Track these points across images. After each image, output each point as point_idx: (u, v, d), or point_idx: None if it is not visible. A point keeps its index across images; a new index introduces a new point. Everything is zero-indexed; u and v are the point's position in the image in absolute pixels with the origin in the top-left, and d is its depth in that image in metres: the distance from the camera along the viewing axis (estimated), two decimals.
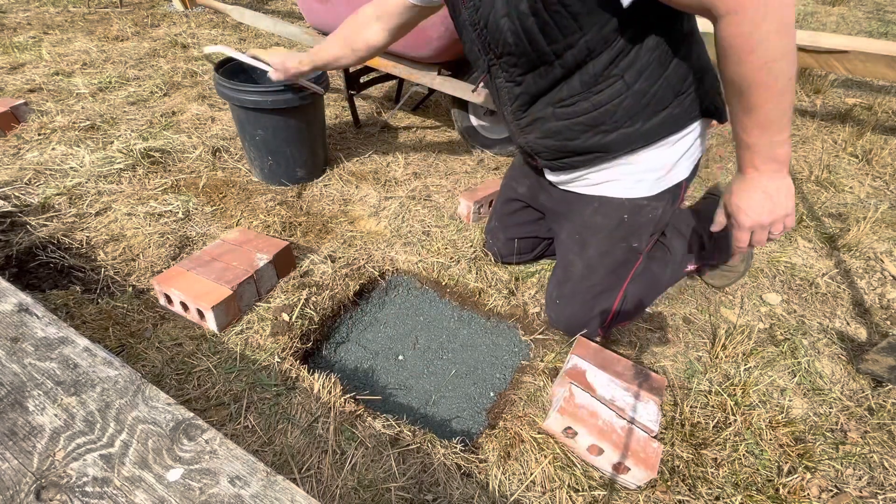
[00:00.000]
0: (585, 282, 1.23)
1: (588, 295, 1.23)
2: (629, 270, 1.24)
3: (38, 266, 1.46)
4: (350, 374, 1.30)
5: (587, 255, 1.23)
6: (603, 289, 1.23)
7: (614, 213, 1.18)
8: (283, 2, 4.50)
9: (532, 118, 1.12)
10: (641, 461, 0.96)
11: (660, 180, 1.13)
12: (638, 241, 1.20)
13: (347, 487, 0.97)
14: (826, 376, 1.28)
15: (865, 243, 1.72)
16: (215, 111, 2.42)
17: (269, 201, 1.79)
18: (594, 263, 1.22)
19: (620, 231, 1.19)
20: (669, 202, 1.18)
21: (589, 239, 1.22)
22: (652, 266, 1.32)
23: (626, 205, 1.17)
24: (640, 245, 1.21)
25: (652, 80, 0.99)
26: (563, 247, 1.29)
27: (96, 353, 0.78)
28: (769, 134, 0.86)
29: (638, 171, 1.12)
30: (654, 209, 1.17)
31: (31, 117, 2.18)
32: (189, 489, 0.61)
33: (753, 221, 0.94)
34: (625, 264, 1.23)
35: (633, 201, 1.16)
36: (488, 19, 0.98)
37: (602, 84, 0.99)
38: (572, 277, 1.25)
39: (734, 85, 0.84)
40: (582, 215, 1.23)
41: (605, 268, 1.22)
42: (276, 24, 2.33)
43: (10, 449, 0.64)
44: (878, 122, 2.54)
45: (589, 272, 1.23)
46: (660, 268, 1.33)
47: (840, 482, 1.05)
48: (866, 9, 4.86)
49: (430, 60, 1.98)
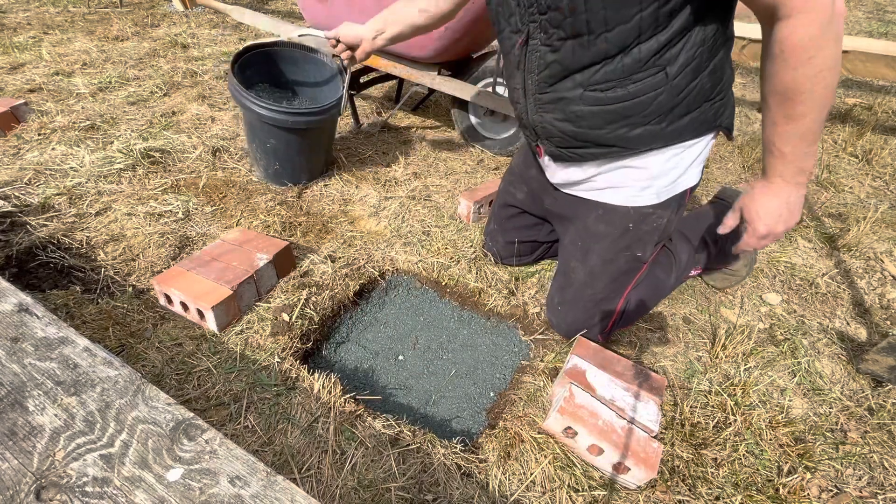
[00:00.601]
0: (587, 289, 1.21)
1: (590, 302, 1.22)
2: (632, 279, 1.22)
3: (38, 266, 1.46)
4: (350, 374, 1.30)
5: (589, 262, 1.20)
6: (605, 296, 1.21)
7: (619, 222, 1.15)
8: (283, 2, 4.50)
9: (557, 96, 1.04)
10: (641, 461, 0.96)
11: (667, 187, 1.10)
12: (642, 250, 1.17)
13: (347, 487, 0.97)
14: (826, 376, 1.28)
15: (865, 243, 1.72)
16: (215, 111, 2.42)
17: (269, 201, 1.79)
18: (596, 272, 1.20)
19: (624, 240, 1.16)
20: (675, 210, 1.15)
21: (592, 246, 1.19)
22: (657, 271, 1.31)
23: (631, 213, 1.13)
24: (643, 255, 1.18)
25: (690, 77, 0.95)
26: (566, 252, 1.27)
27: (96, 353, 0.78)
28: (805, 144, 0.85)
29: (646, 176, 1.08)
30: (659, 217, 1.14)
31: (31, 117, 2.18)
32: (189, 489, 0.61)
33: (769, 230, 0.94)
34: (628, 273, 1.20)
35: (639, 210, 1.13)
36: None
37: (643, 73, 0.94)
38: (574, 284, 1.23)
39: (782, 92, 0.82)
40: (585, 222, 1.20)
41: (608, 276, 1.19)
42: (277, 24, 2.33)
43: (10, 449, 0.64)
44: (878, 122, 2.54)
45: (591, 280, 1.21)
46: (665, 273, 1.32)
47: (840, 482, 1.05)
48: (866, 9, 4.86)
49: (430, 60, 1.98)
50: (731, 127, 1.08)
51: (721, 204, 1.47)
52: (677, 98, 0.97)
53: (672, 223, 1.18)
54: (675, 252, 1.35)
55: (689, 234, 1.39)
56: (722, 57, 0.97)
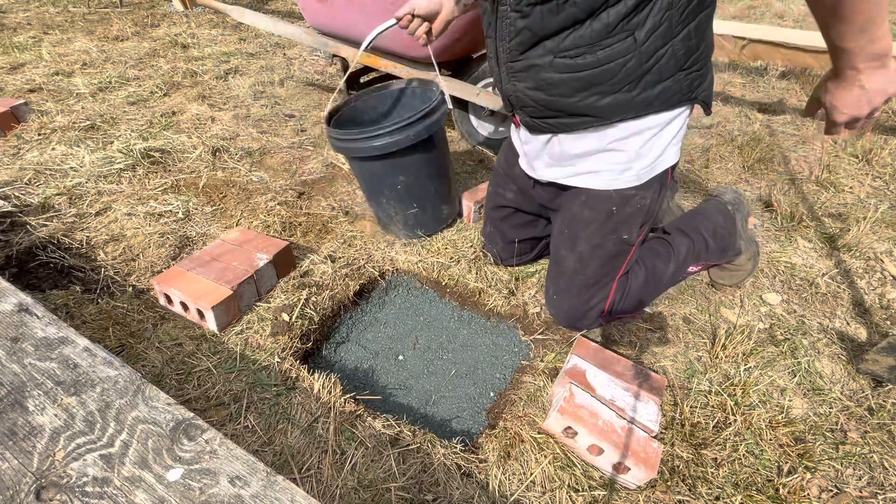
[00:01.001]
0: (579, 276, 1.23)
1: (583, 287, 1.23)
2: (622, 262, 1.23)
3: (38, 266, 1.47)
4: (350, 374, 1.30)
5: (578, 249, 1.22)
6: (596, 280, 1.22)
7: (602, 206, 1.16)
8: (283, 2, 4.50)
9: (528, 63, 1.04)
10: (641, 461, 0.96)
11: (647, 168, 1.10)
12: (628, 232, 1.18)
13: (347, 487, 0.97)
14: (826, 376, 1.28)
15: (865, 243, 1.72)
16: (215, 111, 2.43)
17: (269, 201, 1.79)
18: (585, 257, 1.21)
19: (610, 224, 1.17)
20: (657, 190, 1.16)
21: (579, 233, 1.21)
22: (656, 262, 1.32)
23: (613, 196, 1.14)
24: (630, 237, 1.19)
25: (658, 43, 0.95)
26: (555, 242, 1.28)
27: (96, 353, 0.78)
28: (869, 33, 0.81)
29: (624, 159, 1.09)
30: (642, 199, 1.15)
31: (31, 117, 2.18)
32: (189, 489, 0.61)
33: (850, 116, 0.92)
34: (617, 256, 1.21)
35: (621, 192, 1.14)
36: None
37: (612, 38, 0.94)
38: (565, 272, 1.25)
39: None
40: (570, 209, 1.22)
41: (598, 260, 1.21)
42: (276, 25, 2.33)
43: (10, 449, 0.64)
44: (878, 122, 2.54)
45: (581, 266, 1.22)
46: (663, 263, 1.33)
47: (840, 482, 1.05)
48: None
49: (431, 60, 1.98)
50: (709, 101, 1.08)
51: (716, 201, 1.48)
52: (646, 65, 0.97)
53: (656, 203, 1.18)
54: (673, 245, 1.36)
55: (686, 229, 1.40)
56: (697, 25, 0.97)
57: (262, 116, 2.43)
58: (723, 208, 1.46)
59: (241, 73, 2.92)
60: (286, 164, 2.06)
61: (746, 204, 1.52)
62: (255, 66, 3.02)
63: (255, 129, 2.29)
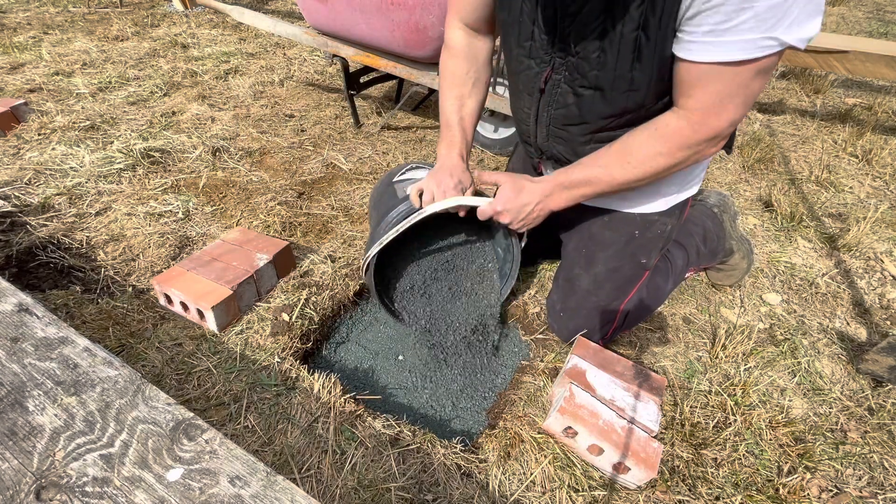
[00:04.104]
0: (591, 297, 1.21)
1: (593, 310, 1.22)
2: (634, 286, 1.22)
3: (38, 266, 1.46)
4: (350, 374, 1.30)
5: (594, 270, 1.20)
6: (607, 303, 1.21)
7: (625, 229, 1.16)
8: (283, 2, 4.50)
9: (568, 136, 1.04)
10: (641, 461, 0.96)
11: (675, 195, 1.12)
12: (647, 257, 1.18)
13: (347, 487, 0.97)
14: (826, 376, 1.28)
15: (865, 243, 1.72)
16: (215, 111, 2.43)
17: (269, 201, 1.79)
18: (601, 279, 1.20)
19: (630, 247, 1.16)
20: (678, 217, 1.17)
21: (597, 254, 1.19)
22: (656, 278, 1.31)
23: (637, 220, 1.14)
24: (648, 262, 1.19)
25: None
26: (569, 259, 1.27)
27: (96, 353, 0.78)
28: (590, 187, 0.98)
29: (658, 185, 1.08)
30: (664, 224, 1.15)
31: (31, 117, 2.18)
32: (189, 489, 0.61)
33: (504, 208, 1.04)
34: (631, 280, 1.20)
35: (646, 217, 1.14)
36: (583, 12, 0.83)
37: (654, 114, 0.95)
38: (577, 292, 1.23)
39: (622, 150, 0.93)
40: (590, 229, 1.21)
41: (612, 283, 1.20)
42: (276, 25, 2.33)
43: (10, 449, 0.64)
44: (878, 122, 2.54)
45: (595, 288, 1.20)
46: (663, 279, 1.32)
47: (840, 482, 1.05)
48: (866, 9, 4.86)
49: (431, 60, 1.98)
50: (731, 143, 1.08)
51: (701, 206, 1.49)
52: None
53: (675, 230, 1.19)
54: (671, 258, 1.35)
55: (681, 240, 1.40)
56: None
57: (262, 116, 2.43)
58: (709, 212, 1.46)
59: (241, 73, 2.92)
60: (286, 164, 2.06)
61: (732, 204, 1.52)
62: (255, 66, 3.02)
63: (255, 129, 2.29)
